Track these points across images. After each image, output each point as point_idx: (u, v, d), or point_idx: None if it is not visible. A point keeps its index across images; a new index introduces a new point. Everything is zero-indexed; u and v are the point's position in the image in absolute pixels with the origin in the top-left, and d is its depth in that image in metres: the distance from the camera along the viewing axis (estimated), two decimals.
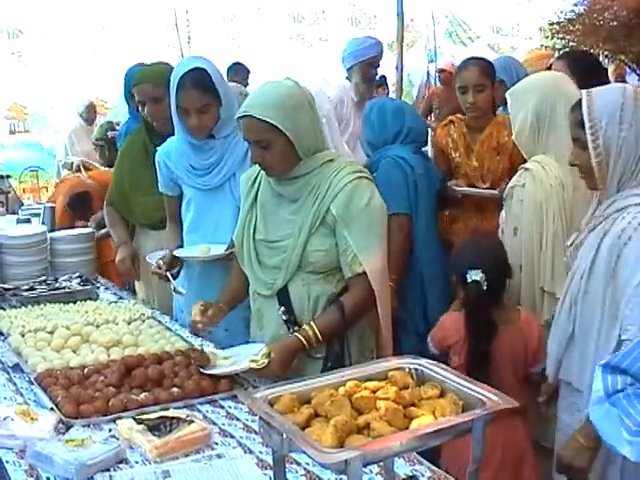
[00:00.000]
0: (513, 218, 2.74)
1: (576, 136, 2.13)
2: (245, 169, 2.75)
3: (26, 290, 3.17)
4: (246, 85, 7.41)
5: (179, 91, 2.66)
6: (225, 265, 2.72)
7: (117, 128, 4.46)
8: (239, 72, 7.20)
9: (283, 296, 2.37)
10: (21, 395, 2.22)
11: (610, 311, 2.05)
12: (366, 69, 4.50)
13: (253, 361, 2.17)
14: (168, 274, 2.83)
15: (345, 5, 10.79)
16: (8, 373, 2.39)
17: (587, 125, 2.06)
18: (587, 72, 3.01)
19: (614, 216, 2.07)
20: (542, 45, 8.78)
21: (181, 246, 2.93)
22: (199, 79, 2.66)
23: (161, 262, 2.85)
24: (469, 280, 2.48)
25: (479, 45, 10.45)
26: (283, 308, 2.36)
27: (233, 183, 2.79)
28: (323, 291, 2.34)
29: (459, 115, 3.56)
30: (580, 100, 2.12)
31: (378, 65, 4.65)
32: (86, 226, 4.08)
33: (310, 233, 2.31)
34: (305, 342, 2.24)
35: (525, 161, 2.81)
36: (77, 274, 3.36)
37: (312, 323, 2.27)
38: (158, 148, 2.93)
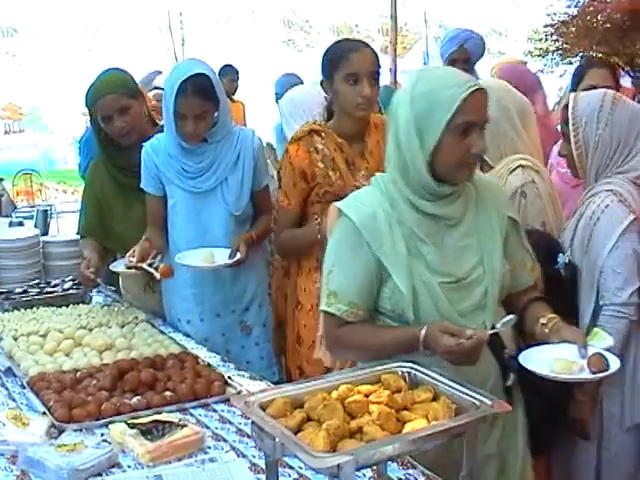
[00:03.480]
0: (539, 214, 2.54)
1: (563, 131, 2.44)
2: (237, 174, 2.75)
3: (19, 293, 3.16)
4: (236, 88, 7.47)
5: (179, 97, 2.58)
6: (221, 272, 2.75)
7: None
8: (228, 74, 7.26)
9: (493, 339, 1.83)
10: (13, 400, 2.21)
11: (587, 281, 2.32)
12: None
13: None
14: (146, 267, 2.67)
15: (328, 14, 10.87)
16: (0, 377, 2.38)
17: (570, 122, 2.37)
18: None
19: (589, 200, 2.37)
20: (535, 48, 8.81)
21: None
22: (201, 85, 2.60)
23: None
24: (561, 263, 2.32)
25: None
26: (507, 350, 1.92)
27: (225, 188, 2.76)
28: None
29: (318, 122, 2.77)
30: (569, 101, 2.43)
31: (467, 60, 4.01)
32: None
33: (502, 253, 1.92)
34: None
35: None
36: (70, 277, 3.33)
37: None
38: (145, 145, 2.80)
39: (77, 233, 3.26)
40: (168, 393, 2.12)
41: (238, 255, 2.66)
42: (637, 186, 2.35)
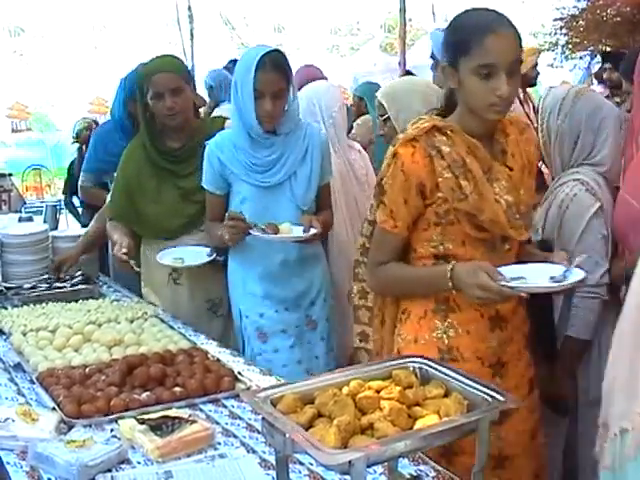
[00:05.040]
0: None
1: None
2: (306, 167, 2.73)
3: (28, 289, 3.17)
4: None
5: (258, 72, 2.57)
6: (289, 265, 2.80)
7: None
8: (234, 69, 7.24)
9: None
10: (22, 395, 2.21)
11: None
12: None
13: None
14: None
15: (326, 13, 10.84)
16: (10, 373, 2.38)
17: (539, 113, 2.57)
18: None
19: (558, 189, 2.53)
20: (544, 41, 8.78)
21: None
22: (279, 61, 2.63)
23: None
24: None
25: None
26: None
27: (294, 181, 2.73)
28: None
29: (436, 117, 2.01)
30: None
31: None
32: None
33: None
34: None
35: None
36: (79, 272, 3.35)
37: None
38: (209, 142, 2.77)
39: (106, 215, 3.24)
40: (177, 389, 2.11)
41: (313, 230, 2.63)
42: (604, 177, 2.49)
